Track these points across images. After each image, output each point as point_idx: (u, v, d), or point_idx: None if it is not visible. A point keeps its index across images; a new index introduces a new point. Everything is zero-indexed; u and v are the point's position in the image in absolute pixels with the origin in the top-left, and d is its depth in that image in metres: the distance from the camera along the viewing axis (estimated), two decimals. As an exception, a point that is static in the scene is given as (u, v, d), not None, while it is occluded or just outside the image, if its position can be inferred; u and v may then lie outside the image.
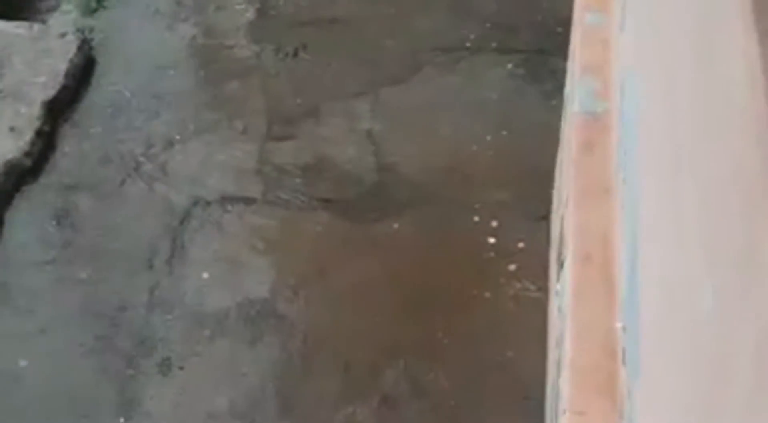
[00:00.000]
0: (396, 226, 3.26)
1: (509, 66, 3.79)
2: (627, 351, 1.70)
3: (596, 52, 2.34)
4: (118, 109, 3.69)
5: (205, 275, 3.15)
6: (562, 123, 2.92)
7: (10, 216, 3.31)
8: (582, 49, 2.37)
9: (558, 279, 2.38)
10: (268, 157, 3.52)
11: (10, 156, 3.36)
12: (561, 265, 2.22)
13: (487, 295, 3.04)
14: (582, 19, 2.45)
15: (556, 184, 3.03)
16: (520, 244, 3.17)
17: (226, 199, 3.38)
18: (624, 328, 1.76)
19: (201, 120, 3.66)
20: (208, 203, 3.37)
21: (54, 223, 3.30)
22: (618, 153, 2.03)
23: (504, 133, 3.54)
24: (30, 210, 3.34)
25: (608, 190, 2.06)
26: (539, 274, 3.03)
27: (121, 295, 3.09)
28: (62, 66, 3.68)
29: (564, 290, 2.08)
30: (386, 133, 3.59)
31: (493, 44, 3.85)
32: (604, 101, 2.24)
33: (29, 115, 3.49)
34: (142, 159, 3.49)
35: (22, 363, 2.93)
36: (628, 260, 1.72)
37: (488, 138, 3.53)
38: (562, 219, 2.50)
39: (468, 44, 3.86)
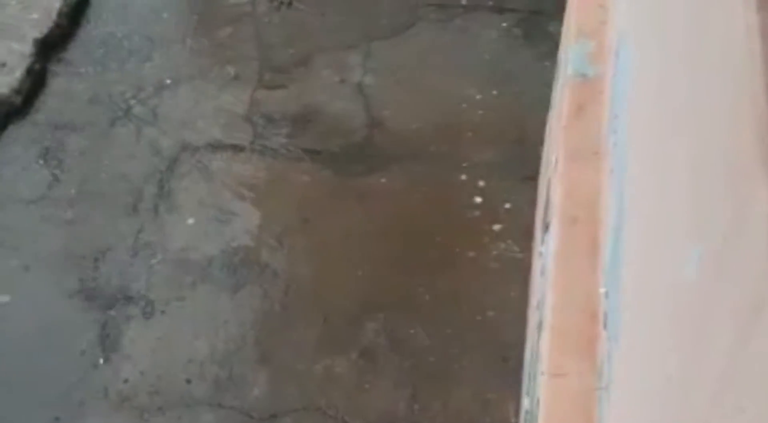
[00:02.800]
0: (383, 180, 3.26)
1: (504, 25, 3.78)
2: (608, 315, 1.72)
3: (593, 15, 2.33)
4: (109, 50, 3.67)
5: (191, 221, 3.15)
6: (554, 85, 2.92)
7: (-4, 152, 3.30)
8: (578, 11, 2.36)
9: (542, 241, 2.39)
10: (258, 105, 3.51)
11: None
12: (546, 227, 2.23)
13: (471, 254, 3.05)
14: (580, -19, 2.44)
15: (545, 146, 3.03)
16: (506, 205, 3.18)
17: (214, 146, 3.37)
18: (606, 293, 1.77)
19: (193, 65, 3.64)
20: (196, 149, 3.36)
21: (41, 161, 3.29)
22: (609, 117, 2.03)
23: (494, 92, 3.54)
24: (17, 148, 3.33)
25: (597, 153, 2.06)
26: (524, 235, 3.04)
27: (106, 237, 3.09)
28: (56, 4, 3.65)
29: (548, 252, 2.09)
30: (377, 87, 3.58)
31: (489, 3, 3.84)
32: (597, 65, 2.23)
33: (20, 52, 3.47)
34: (132, 102, 3.48)
35: (4, 298, 2.93)
36: (614, 225, 1.73)
37: (478, 97, 3.53)
38: (549, 181, 2.51)
39: (463, 2, 3.85)
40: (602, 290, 1.82)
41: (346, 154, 3.36)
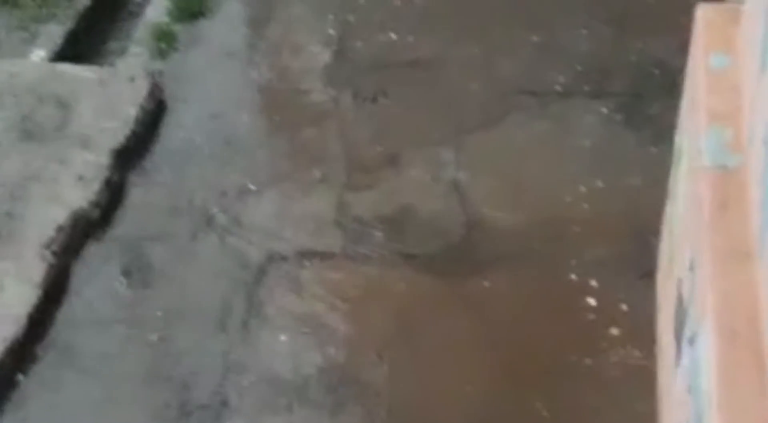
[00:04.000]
0: (486, 284, 3.03)
1: (603, 111, 3.56)
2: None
3: (726, 98, 2.10)
4: (188, 156, 3.51)
5: (283, 337, 2.93)
6: (672, 175, 2.67)
7: (77, 270, 3.13)
8: (709, 94, 2.13)
9: (681, 352, 2.12)
10: (348, 208, 3.32)
11: (77, 206, 3.19)
12: (691, 340, 1.97)
13: (589, 361, 2.79)
14: (705, 61, 2.21)
15: (665, 240, 2.78)
16: (623, 306, 2.91)
17: (303, 254, 3.17)
18: (786, 422, 1.50)
19: (276, 168, 3.47)
20: (285, 258, 3.16)
21: (123, 278, 3.11)
22: (762, 213, 1.78)
23: (599, 183, 3.30)
24: (97, 265, 3.16)
25: (750, 255, 1.81)
26: (645, 339, 2.78)
27: (194, 358, 2.88)
28: (132, 111, 3.52)
29: (699, 369, 1.83)
30: (473, 183, 3.36)
31: (585, 87, 3.63)
32: (737, 154, 1.99)
33: (97, 164, 3.32)
34: (214, 210, 3.30)
35: (88, 431, 2.73)
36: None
37: (582, 189, 3.29)
38: (681, 283, 2.25)
39: (558, 87, 3.64)
40: (779, 417, 1.55)
41: (444, 257, 3.13)
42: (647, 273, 2.92)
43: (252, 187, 3.39)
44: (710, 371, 1.70)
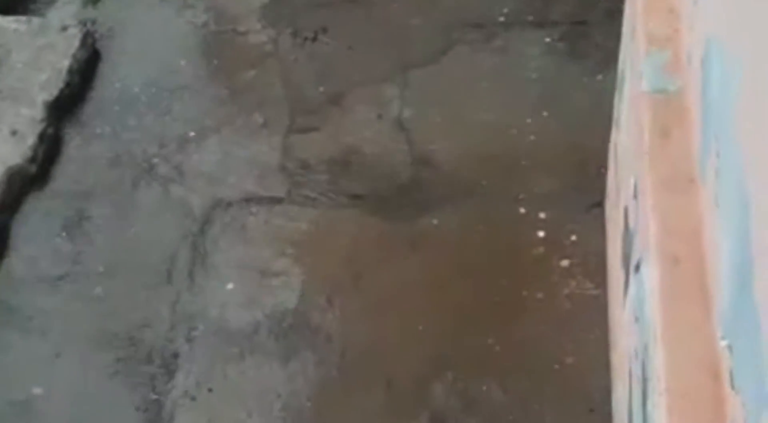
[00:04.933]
0: (435, 222, 2.99)
1: (547, 40, 3.49)
2: (738, 374, 1.42)
3: (664, 21, 2.05)
4: (126, 106, 3.42)
5: (230, 286, 2.88)
6: (616, 103, 2.63)
7: (15, 228, 3.05)
8: (645, 18, 2.08)
9: (628, 282, 2.10)
10: (292, 151, 3.25)
11: (12, 162, 3.10)
12: (637, 267, 1.94)
13: (540, 295, 2.77)
14: (643, -16, 2.16)
15: (612, 169, 2.75)
16: (572, 237, 2.89)
17: (248, 200, 3.11)
18: (730, 347, 1.48)
19: (217, 114, 3.39)
20: (230, 205, 3.10)
21: (64, 234, 3.04)
22: (703, 137, 1.74)
23: (545, 114, 3.26)
24: (37, 221, 3.08)
25: (692, 180, 1.78)
26: (596, 269, 2.76)
27: (141, 311, 2.83)
28: (65, 62, 3.41)
29: (644, 297, 1.81)
30: (418, 120, 3.30)
31: (529, 17, 3.55)
32: (677, 78, 1.95)
33: (31, 117, 3.23)
34: (155, 160, 3.23)
35: (37, 390, 2.67)
36: (735, 267, 1.44)
37: (529, 120, 3.24)
38: (628, 210, 2.22)
39: (501, 19, 3.57)
40: (723, 343, 1.53)
41: (392, 197, 3.08)
42: (596, 203, 2.90)
43: (193, 134, 3.31)
44: (653, 300, 1.67)
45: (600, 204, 2.87)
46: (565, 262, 2.83)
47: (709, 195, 1.67)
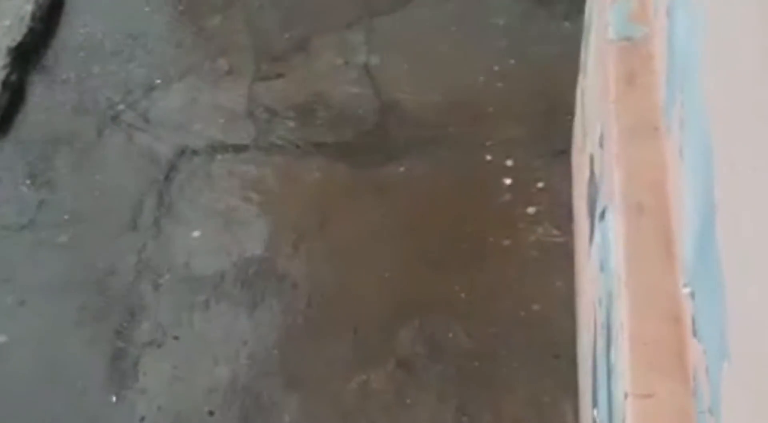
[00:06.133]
0: (402, 169, 2.99)
1: (515, -14, 3.48)
2: (700, 322, 1.44)
3: (630, -32, 2.04)
4: (90, 52, 3.38)
5: (196, 233, 2.87)
6: (583, 49, 2.63)
7: (-22, 176, 3.03)
8: (613, -35, 2.07)
9: (595, 229, 2.11)
10: (258, 98, 3.23)
11: (-25, 110, 3.07)
12: (602, 214, 1.95)
13: (506, 242, 2.78)
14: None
15: (578, 116, 2.75)
16: (539, 184, 2.90)
17: (214, 148, 3.10)
18: (693, 294, 1.50)
19: (182, 61, 3.36)
20: (195, 152, 3.08)
21: (28, 181, 3.01)
22: (668, 87, 1.75)
23: (512, 61, 3.25)
24: (2, 169, 3.05)
25: (657, 129, 1.78)
26: (562, 216, 2.77)
27: (106, 259, 2.82)
28: (27, 7, 3.38)
29: (609, 245, 1.82)
30: (384, 67, 3.29)
31: (497, -37, 3.53)
32: (643, 25, 1.95)
33: (-7, 64, 3.18)
34: (120, 107, 3.20)
35: (2, 338, 2.66)
36: (699, 214, 1.45)
37: (496, 68, 3.24)
38: (593, 158, 2.23)
39: (468, -36, 3.54)
40: (686, 290, 1.54)
41: (358, 144, 3.08)
42: (562, 150, 2.91)
43: (158, 81, 3.28)
44: (618, 247, 1.68)
45: (567, 151, 2.88)
46: (531, 209, 2.84)
47: (673, 144, 1.68)
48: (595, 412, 1.92)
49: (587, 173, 2.33)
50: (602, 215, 1.95)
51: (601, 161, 2.04)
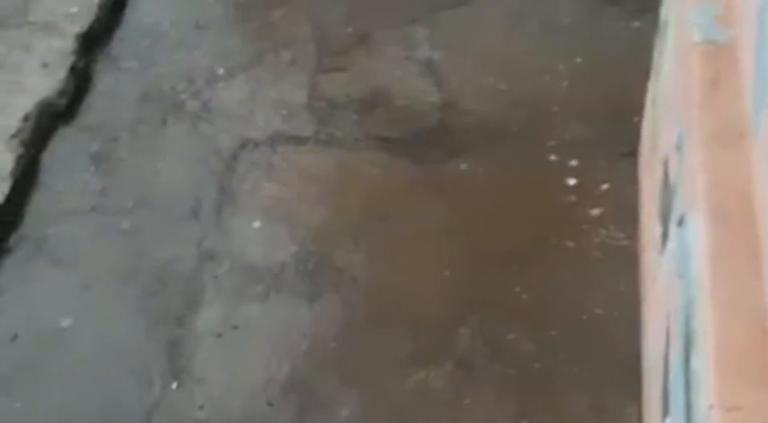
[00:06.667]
0: (464, 166, 2.97)
1: (581, -15, 3.44)
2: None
3: (716, -30, 2.01)
4: (155, 41, 3.40)
5: (256, 224, 2.87)
6: (656, 50, 2.60)
7: (44, 161, 3.04)
8: (697, -33, 2.03)
9: (668, 235, 2.08)
10: (319, 91, 3.23)
11: (43, 95, 3.08)
12: (680, 221, 1.92)
13: (570, 243, 2.75)
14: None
15: (647, 118, 2.72)
16: (604, 186, 2.87)
17: (275, 139, 3.09)
18: (781, 306, 1.47)
19: (245, 52, 3.37)
20: (257, 144, 3.08)
21: (92, 168, 3.03)
22: (755, 92, 1.71)
23: (579, 60, 3.22)
24: (66, 154, 3.07)
25: (742, 135, 1.75)
26: (627, 219, 2.74)
27: (167, 247, 2.82)
28: (96, -6, 3.38)
29: (689, 252, 1.79)
30: (447, 63, 3.27)
31: (564, -42, 3.50)
32: (728, 29, 1.91)
33: (62, 50, 3.20)
34: (183, 96, 3.21)
35: (65, 322, 2.67)
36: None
37: (561, 66, 3.21)
38: (667, 163, 2.20)
39: (535, -40, 3.51)
40: (773, 303, 1.52)
41: (420, 140, 3.06)
42: (629, 152, 2.87)
43: (221, 71, 3.29)
44: (702, 256, 1.65)
45: (633, 153, 2.85)
46: (595, 211, 2.81)
47: (760, 150, 1.64)
48: (668, 421, 1.89)
49: (659, 177, 2.30)
50: (681, 221, 1.92)
51: (679, 166, 2.01)
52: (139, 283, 2.74)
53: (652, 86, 2.65)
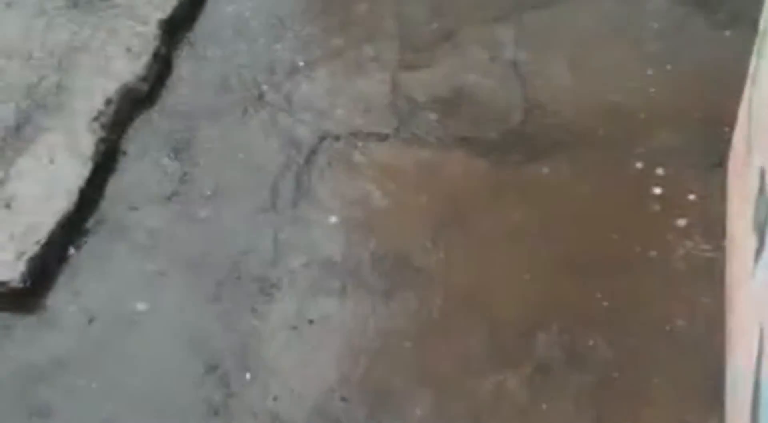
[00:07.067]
0: (546, 170, 2.92)
1: (672, -10, 3.38)
2: None
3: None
4: (237, 30, 3.40)
5: (333, 219, 2.85)
6: (754, 58, 2.53)
7: (125, 146, 3.06)
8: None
9: (762, 248, 2.02)
10: (401, 88, 3.20)
11: (126, 80, 3.09)
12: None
13: (653, 253, 2.69)
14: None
15: (740, 128, 2.65)
16: (690, 196, 2.80)
17: (355, 135, 3.07)
18: None
19: (327, 45, 3.35)
20: (337, 138, 3.06)
21: (171, 154, 3.03)
22: None
23: (668, 67, 3.16)
24: (146, 140, 3.08)
25: None
26: (714, 231, 2.68)
27: (244, 237, 2.81)
28: (178, -18, 3.38)
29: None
30: (532, 64, 3.23)
31: (654, -37, 3.44)
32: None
33: (145, 35, 3.21)
34: (264, 87, 3.20)
35: (141, 306, 2.67)
36: None
37: (649, 72, 3.15)
38: (765, 174, 2.13)
39: (625, -38, 3.45)
40: None
41: (502, 141, 3.02)
42: (717, 163, 2.81)
43: (302, 63, 3.27)
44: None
45: (721, 163, 2.78)
46: (681, 222, 2.74)
47: None
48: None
49: (754, 188, 2.23)
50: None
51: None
52: (214, 272, 2.73)
53: (747, 96, 2.58)
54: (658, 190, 2.82)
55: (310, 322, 2.62)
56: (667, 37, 3.23)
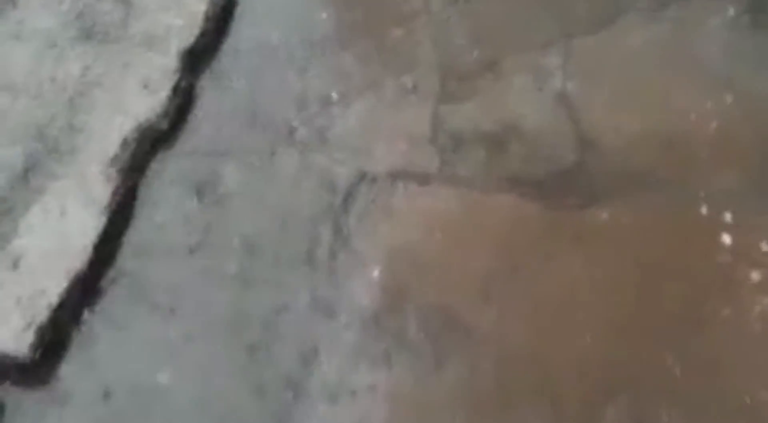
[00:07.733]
0: (604, 215, 2.68)
1: (731, 12, 3.12)
2: None
3: None
4: (264, 59, 3.15)
5: (375, 273, 2.61)
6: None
7: (143, 190, 2.82)
8: None
9: None
10: (443, 122, 2.95)
11: (143, 118, 2.85)
12: None
13: (726, 311, 2.45)
14: None
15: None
16: (764, 246, 2.56)
17: (395, 175, 2.83)
18: None
19: (361, 75, 3.10)
20: (374, 179, 2.82)
21: (195, 199, 2.79)
22: None
23: (729, 98, 2.90)
24: (167, 183, 2.84)
25: None
26: (794, 287, 2.44)
27: (277, 294, 2.58)
28: (201, 6, 3.14)
29: None
30: (583, 96, 2.98)
31: (710, -16, 3.19)
32: None
33: (164, 67, 2.97)
34: (295, 123, 2.96)
35: (162, 378, 2.45)
36: None
37: (709, 104, 2.90)
38: None
39: (679, -15, 3.20)
40: None
41: (554, 183, 2.77)
42: (792, 207, 2.57)
43: (335, 96, 3.03)
44: None
45: (797, 209, 2.55)
46: (755, 275, 2.50)
47: None
48: None
49: None
50: None
51: None
52: (245, 335, 2.51)
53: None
54: (727, 239, 2.58)
55: (352, 393, 2.39)
56: (726, 64, 2.98)
